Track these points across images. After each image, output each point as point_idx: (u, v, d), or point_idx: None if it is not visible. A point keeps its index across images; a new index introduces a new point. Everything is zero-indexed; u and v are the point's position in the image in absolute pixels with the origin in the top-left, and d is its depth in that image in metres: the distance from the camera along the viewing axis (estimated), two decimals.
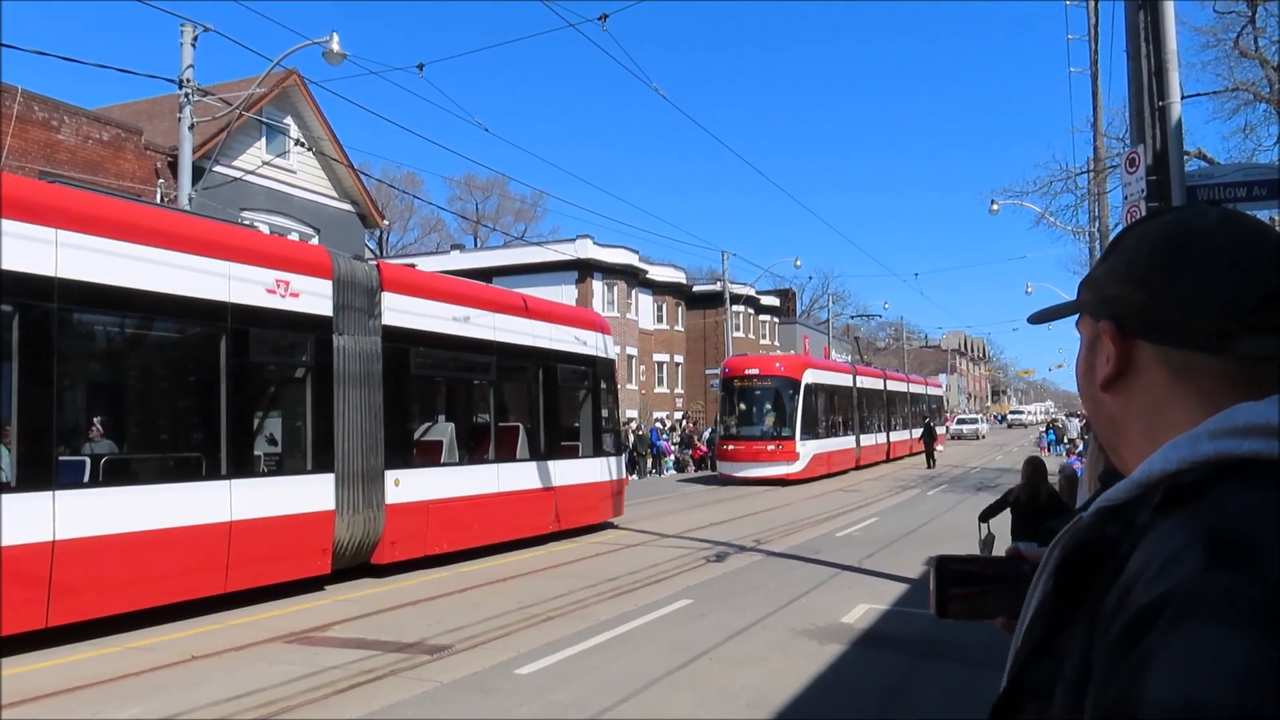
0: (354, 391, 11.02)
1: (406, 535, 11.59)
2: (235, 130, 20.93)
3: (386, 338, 11.60)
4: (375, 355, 11.42)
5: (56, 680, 6.88)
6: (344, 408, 10.86)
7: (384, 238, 60.56)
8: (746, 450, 27.04)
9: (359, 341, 11.22)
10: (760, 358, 31.75)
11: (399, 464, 11.62)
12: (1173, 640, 0.64)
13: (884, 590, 10.35)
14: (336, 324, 10.91)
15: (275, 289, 10.16)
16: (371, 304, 11.50)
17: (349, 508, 10.79)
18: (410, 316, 12.14)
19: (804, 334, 60.90)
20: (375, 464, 11.24)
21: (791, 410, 27.19)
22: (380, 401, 11.36)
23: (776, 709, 6.16)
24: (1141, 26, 8.58)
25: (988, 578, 1.09)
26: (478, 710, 6.17)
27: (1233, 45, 19.56)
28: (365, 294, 11.41)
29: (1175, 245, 0.86)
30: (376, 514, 11.18)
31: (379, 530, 11.22)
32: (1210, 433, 0.77)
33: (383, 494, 11.28)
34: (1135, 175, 8.79)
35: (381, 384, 11.42)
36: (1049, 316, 1.05)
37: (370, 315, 11.48)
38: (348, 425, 10.90)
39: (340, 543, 10.69)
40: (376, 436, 11.29)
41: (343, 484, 10.74)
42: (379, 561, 11.29)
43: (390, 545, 11.33)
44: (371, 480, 11.16)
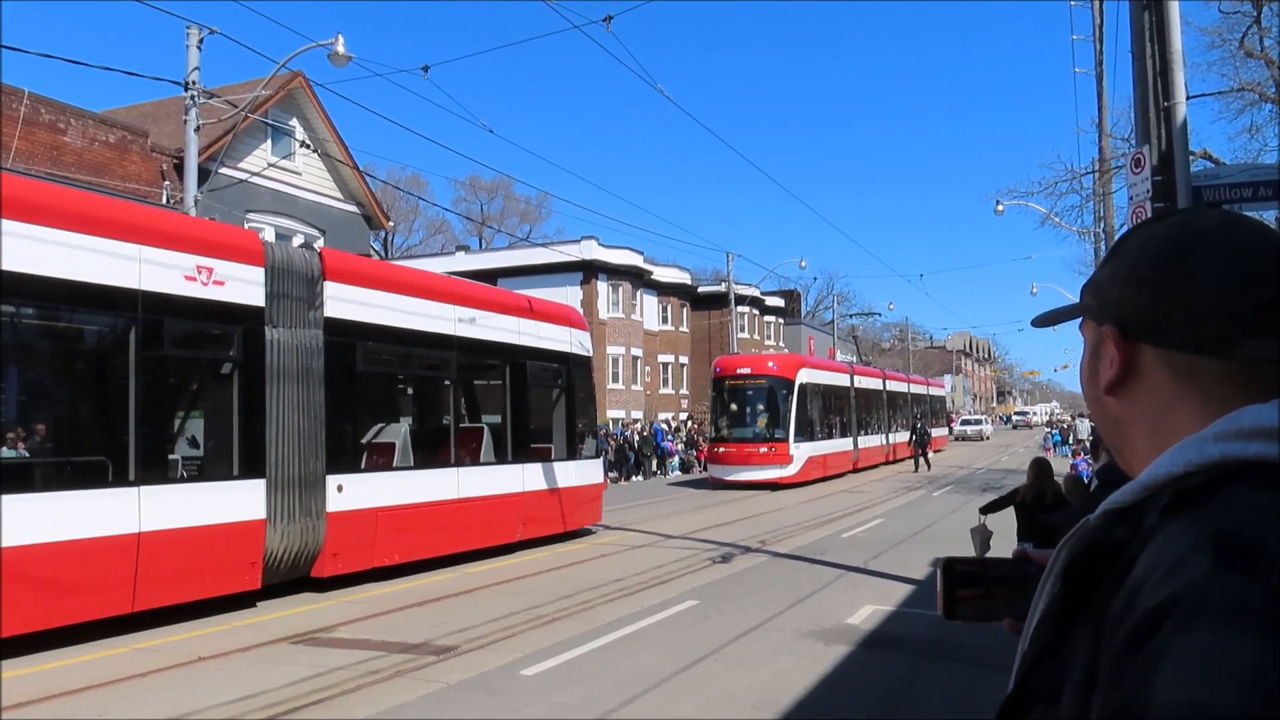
0: (290, 389, 10.15)
1: (351, 545, 10.73)
2: (241, 132, 20.97)
3: (330, 331, 10.72)
4: (316, 350, 10.53)
5: (62, 682, 6.90)
6: (278, 407, 10.00)
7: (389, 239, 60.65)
8: (738, 453, 26.16)
9: (297, 334, 10.34)
10: (752, 356, 30.76)
11: (343, 468, 10.75)
12: (1180, 643, 0.64)
13: (890, 591, 10.34)
14: (269, 315, 10.01)
15: (196, 276, 9.21)
16: (312, 294, 10.62)
17: (283, 516, 9.93)
18: (358, 308, 11.22)
19: (809, 335, 60.86)
20: (315, 468, 10.37)
21: (785, 411, 26.31)
22: (321, 400, 10.49)
23: (782, 710, 6.16)
24: (1146, 27, 8.56)
25: (994, 579, 1.09)
26: (484, 711, 6.18)
27: (1238, 45, 19.50)
28: (304, 283, 10.52)
29: (1178, 249, 0.86)
30: (316, 523, 10.32)
31: (319, 541, 10.35)
32: (1216, 435, 0.77)
33: (323, 501, 10.41)
34: (1140, 176, 8.77)
35: (323, 381, 10.53)
36: (1052, 320, 1.05)
37: (310, 306, 10.59)
38: (282, 426, 10.03)
39: (273, 555, 9.83)
40: (316, 438, 10.41)
41: (275, 490, 9.86)
42: (320, 575, 10.43)
43: (332, 557, 10.49)
44: (310, 486, 10.30)
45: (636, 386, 43.71)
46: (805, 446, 26.71)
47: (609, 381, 41.81)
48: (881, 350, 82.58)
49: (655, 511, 19.74)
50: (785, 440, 25.96)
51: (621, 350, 42.44)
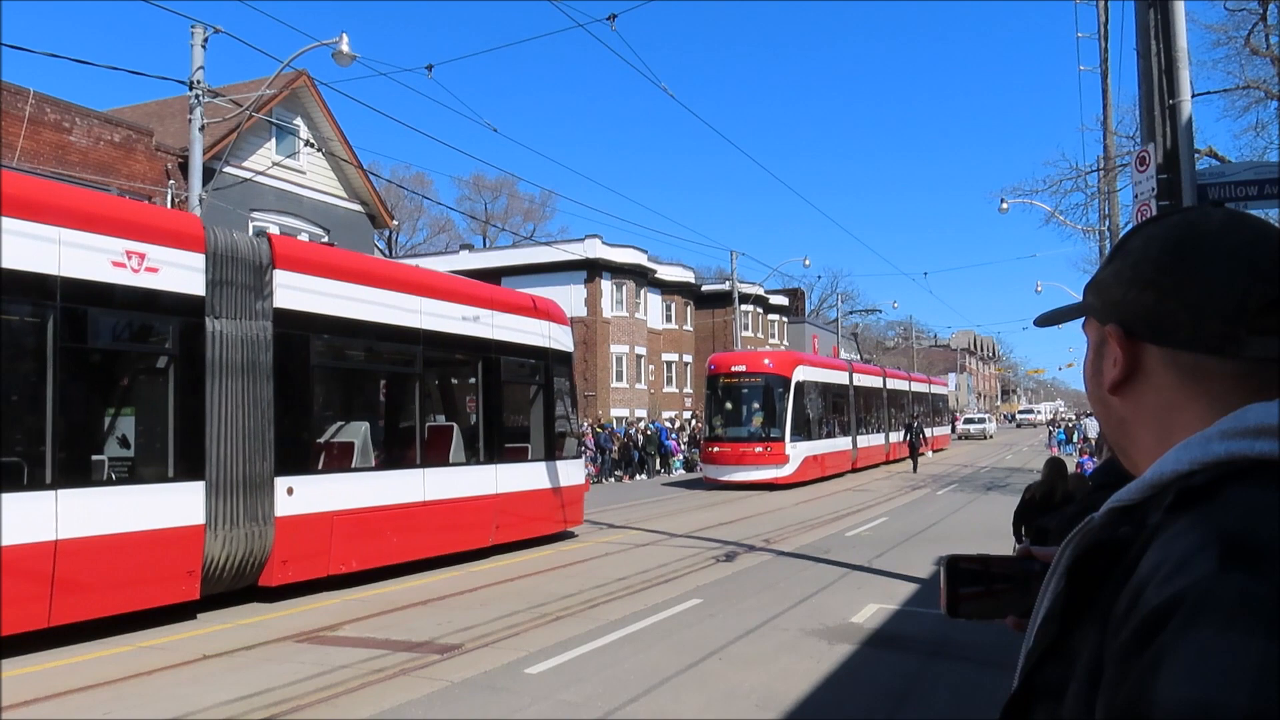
0: (234, 384, 9.52)
1: (303, 552, 10.08)
2: (245, 131, 21.01)
3: (280, 322, 10.07)
4: (264, 343, 9.87)
5: (67, 680, 6.92)
6: (220, 404, 9.36)
7: (393, 238, 60.75)
8: (732, 452, 25.43)
9: (242, 326, 9.70)
10: (748, 354, 29.76)
11: (293, 469, 10.10)
12: (1185, 642, 0.64)
13: (894, 590, 10.33)
14: (211, 305, 9.37)
15: (125, 261, 8.53)
16: (260, 283, 9.97)
17: (224, 521, 9.29)
18: (312, 298, 10.54)
19: (813, 333, 60.80)
20: (261, 469, 9.73)
21: (781, 409, 25.56)
22: (269, 397, 9.86)
23: (786, 709, 6.16)
24: (1152, 24, 8.55)
25: (998, 577, 1.09)
26: (488, 709, 6.19)
27: (1244, 43, 19.45)
28: (251, 271, 9.87)
29: (1182, 248, 0.86)
30: (263, 528, 9.69)
31: (266, 547, 9.72)
32: (1222, 433, 0.77)
33: (271, 505, 9.78)
34: (1146, 174, 8.75)
35: (272, 376, 9.89)
36: (1055, 319, 1.05)
37: (258, 296, 9.95)
38: (224, 424, 9.38)
39: (213, 562, 9.21)
40: (264, 437, 9.77)
41: (216, 493, 9.22)
42: (269, 583, 9.82)
43: (282, 564, 9.85)
44: (256, 489, 9.64)
45: (640, 385, 43.72)
46: (802, 446, 26.09)
47: (612, 380, 41.85)
48: (886, 349, 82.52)
49: (657, 511, 19.73)
50: (781, 439, 25.29)
51: (625, 349, 42.45)
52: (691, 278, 49.98)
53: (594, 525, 17.04)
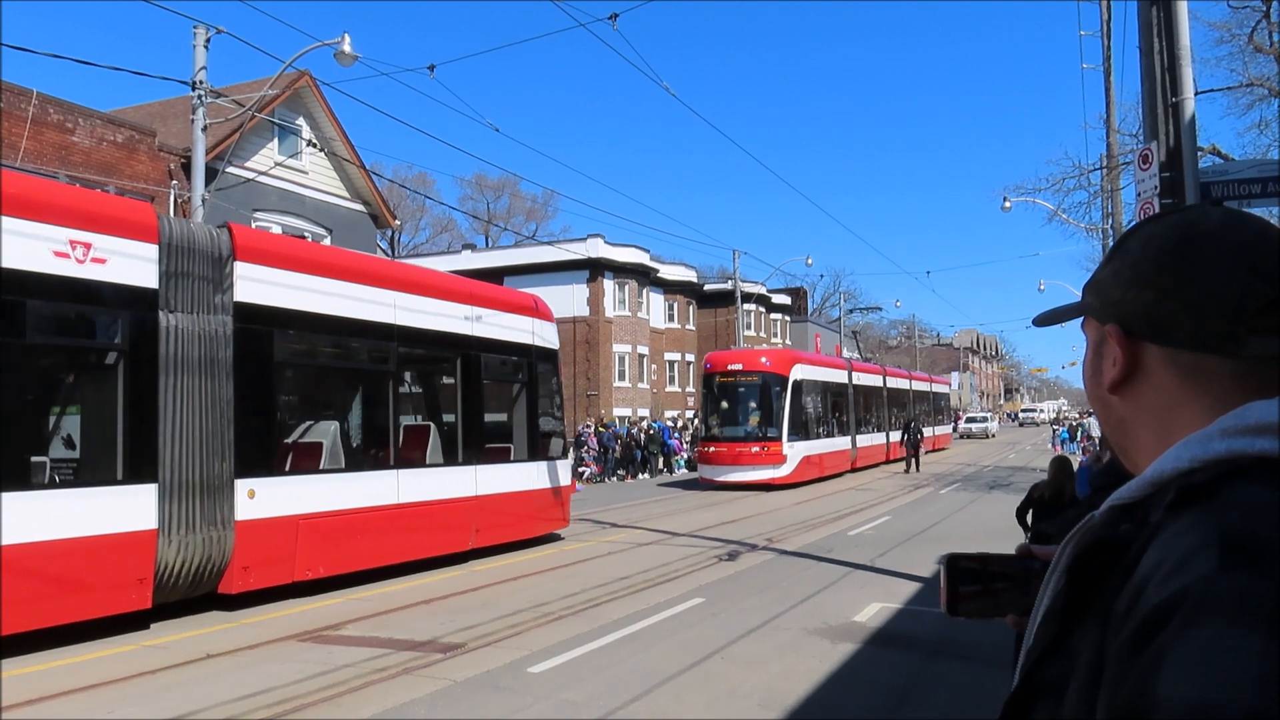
0: (190, 382, 9.03)
1: (266, 558, 9.68)
2: (248, 131, 21.02)
3: (241, 317, 9.61)
4: (223, 338, 9.42)
5: (71, 679, 6.94)
6: (174, 402, 8.88)
7: (396, 238, 60.82)
8: (728, 452, 24.97)
9: (199, 321, 9.22)
10: (744, 352, 29.37)
11: (256, 471, 9.66)
12: (1186, 639, 0.64)
13: (897, 589, 10.32)
14: (164, 298, 8.91)
15: (68, 252, 8.08)
16: (219, 275, 9.50)
17: (179, 526, 8.82)
18: (276, 291, 10.09)
19: (815, 332, 60.77)
20: (220, 471, 9.28)
21: (778, 409, 25.12)
22: (229, 395, 9.40)
23: (788, 708, 6.16)
24: (1154, 22, 8.53)
25: (998, 576, 1.09)
26: (490, 708, 6.19)
27: (1247, 40, 19.42)
28: (209, 263, 9.40)
29: (1181, 247, 0.85)
30: (222, 533, 9.24)
31: (226, 552, 9.29)
32: (1222, 431, 0.77)
33: (231, 508, 9.35)
34: (1149, 172, 8.74)
35: (232, 373, 9.44)
36: (1054, 319, 1.05)
37: (218, 289, 9.48)
38: (179, 424, 8.91)
39: (167, 569, 8.73)
40: (223, 438, 9.32)
41: (170, 496, 8.76)
42: (229, 591, 9.37)
43: (243, 570, 9.41)
44: (214, 491, 9.20)
45: (643, 384, 43.73)
46: (800, 446, 25.66)
47: (615, 380, 41.86)
48: (889, 348, 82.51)
49: (658, 510, 19.73)
50: (778, 439, 24.86)
51: (628, 348, 42.46)
52: (694, 277, 49.98)
53: (596, 524, 17.06)
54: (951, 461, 37.30)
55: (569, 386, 40.62)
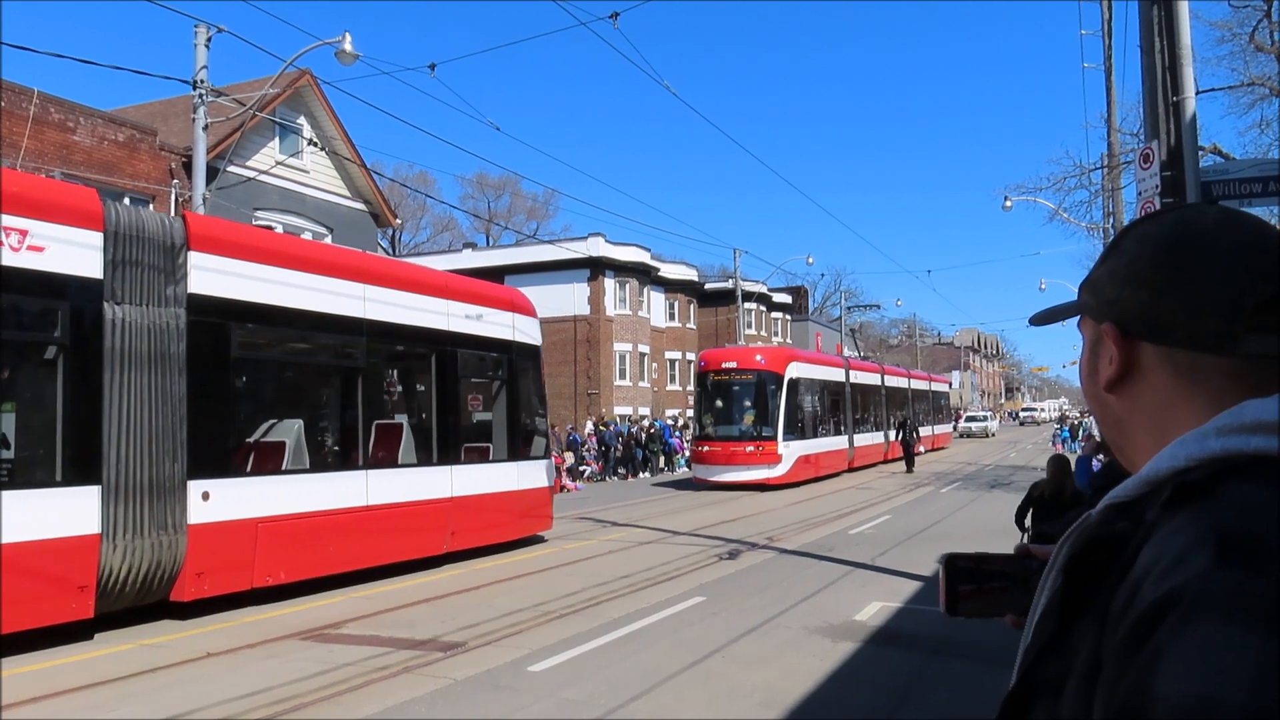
0: (138, 378, 8.56)
1: (222, 563, 9.20)
2: (249, 130, 21.04)
3: (195, 310, 9.14)
4: (176, 332, 8.93)
5: (71, 678, 6.94)
6: (121, 399, 8.40)
7: (396, 236, 60.83)
8: (722, 452, 24.51)
9: (149, 313, 8.74)
10: (739, 349, 28.67)
11: (211, 472, 9.18)
12: (1183, 637, 0.65)
13: (897, 588, 10.32)
14: (111, 289, 8.44)
15: (1, 239, 7.67)
16: (172, 265, 9.02)
17: (124, 530, 8.33)
18: (234, 283, 9.61)
19: (816, 331, 60.75)
20: (171, 472, 8.78)
21: (774, 407, 24.65)
22: (182, 392, 8.91)
23: (789, 707, 6.16)
24: (1156, 21, 8.52)
25: (997, 575, 1.09)
26: (491, 707, 6.19)
27: (1248, 39, 19.40)
28: (160, 252, 8.91)
29: (1176, 246, 0.86)
30: (173, 537, 8.74)
31: (177, 558, 8.80)
32: (1218, 430, 0.77)
33: (183, 511, 8.85)
34: (1150, 171, 8.74)
35: (185, 369, 8.95)
36: (1050, 318, 1.05)
37: (170, 280, 9.00)
38: (125, 422, 8.43)
39: (111, 576, 8.25)
40: (174, 437, 8.83)
41: (115, 498, 8.27)
42: (181, 599, 8.86)
43: (196, 577, 8.92)
44: (164, 493, 8.70)
45: (644, 383, 43.74)
46: (795, 445, 25.18)
47: (616, 378, 41.86)
48: (890, 346, 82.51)
49: (656, 509, 19.73)
50: (773, 438, 24.41)
51: (628, 347, 42.45)
52: (695, 276, 49.99)
53: (596, 523, 17.06)
54: (952, 460, 37.29)
55: (570, 385, 40.68)
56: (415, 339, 12.37)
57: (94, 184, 17.78)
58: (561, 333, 40.72)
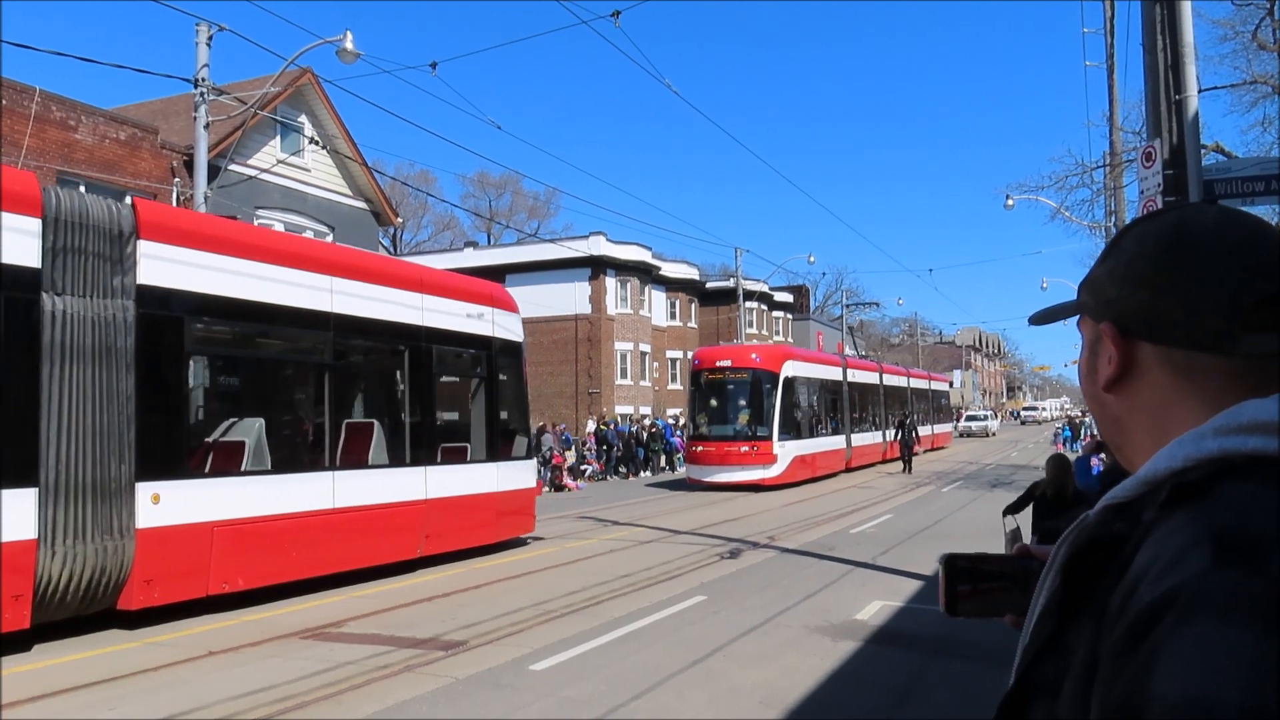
0: (81, 373, 8.09)
1: (173, 569, 8.69)
2: (250, 129, 21.04)
3: (146, 301, 8.63)
4: (123, 324, 8.43)
5: (73, 676, 6.95)
6: (61, 396, 7.95)
7: (398, 235, 60.83)
8: (716, 452, 24.10)
9: (93, 305, 8.25)
10: (734, 348, 28.22)
11: (161, 473, 8.66)
12: (1179, 637, 0.65)
13: (898, 587, 10.32)
14: (50, 279, 7.97)
15: None
16: (119, 254, 8.51)
17: (64, 535, 7.85)
18: (189, 273, 9.08)
19: (817, 330, 60.73)
20: (117, 473, 8.27)
21: (769, 406, 24.18)
22: (130, 388, 8.41)
23: (789, 706, 6.16)
24: (1158, 20, 8.51)
25: (996, 575, 1.09)
26: (492, 706, 6.20)
27: (1250, 38, 19.37)
28: (106, 240, 8.40)
29: (1175, 246, 0.86)
30: (119, 542, 8.24)
31: (125, 564, 8.31)
32: (1215, 430, 0.77)
33: (130, 514, 8.35)
34: (1152, 169, 8.73)
35: (134, 364, 8.46)
36: (1049, 318, 1.05)
37: (117, 270, 8.48)
38: (66, 420, 7.96)
39: (50, 584, 7.76)
40: (121, 436, 8.32)
41: (53, 501, 7.80)
42: (129, 607, 8.38)
43: (145, 584, 8.42)
44: (109, 496, 8.19)
45: (645, 382, 43.74)
46: (791, 445, 24.73)
47: (617, 377, 41.87)
48: (891, 345, 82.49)
49: (657, 509, 19.73)
50: (769, 438, 23.96)
51: (629, 346, 42.45)
52: (696, 275, 50.00)
53: (597, 522, 17.07)
54: (953, 460, 37.28)
55: (571, 384, 40.69)
56: (387, 334, 11.84)
57: (96, 183, 17.82)
58: (562, 332, 40.75)
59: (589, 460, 29.97)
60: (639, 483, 28.77)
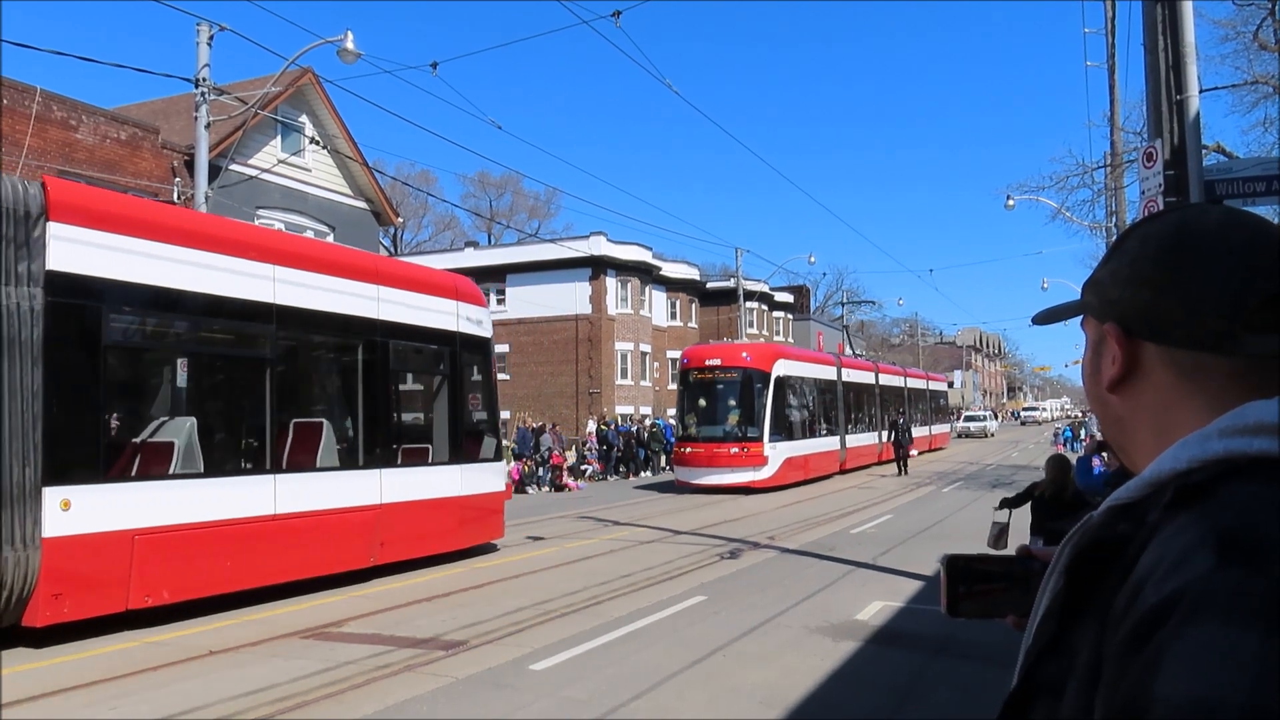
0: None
1: (86, 582, 7.99)
2: (251, 129, 21.04)
3: (56, 289, 7.89)
4: (29, 314, 7.70)
5: (73, 675, 6.95)
6: None
7: (398, 235, 60.85)
8: (705, 453, 23.38)
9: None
10: (724, 346, 27.47)
11: (74, 477, 7.94)
12: (1184, 638, 0.65)
13: (899, 587, 10.32)
14: None
15: None
16: (25, 237, 7.76)
17: None
18: (107, 259, 8.33)
19: (818, 330, 60.72)
20: (21, 477, 7.55)
21: (759, 406, 23.45)
22: (38, 384, 7.70)
23: (790, 706, 6.16)
24: (1159, 20, 8.51)
25: (997, 576, 1.09)
26: (492, 706, 6.20)
27: (1252, 38, 19.36)
28: (11, 221, 7.69)
29: (1179, 246, 0.86)
30: (21, 553, 7.51)
31: (29, 577, 7.58)
32: (1220, 431, 0.77)
33: (37, 522, 7.61)
34: (1153, 170, 8.72)
35: (41, 358, 7.73)
36: (1053, 317, 1.06)
37: (23, 254, 7.73)
38: None
39: None
40: (25, 436, 7.60)
41: None
42: (34, 624, 7.65)
43: (54, 599, 7.70)
44: (10, 502, 7.48)
45: (645, 382, 43.74)
46: (782, 446, 23.98)
47: (617, 378, 41.87)
48: (891, 345, 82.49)
49: (658, 509, 19.73)
50: (759, 439, 23.21)
51: (630, 346, 42.45)
52: (696, 275, 50.00)
53: (598, 522, 17.07)
54: (954, 460, 37.27)
55: (571, 384, 40.70)
56: (338, 327, 11.03)
57: (97, 182, 17.80)
58: (563, 332, 40.76)
59: (589, 460, 29.97)
60: (639, 482, 28.76)
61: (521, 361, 41.46)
